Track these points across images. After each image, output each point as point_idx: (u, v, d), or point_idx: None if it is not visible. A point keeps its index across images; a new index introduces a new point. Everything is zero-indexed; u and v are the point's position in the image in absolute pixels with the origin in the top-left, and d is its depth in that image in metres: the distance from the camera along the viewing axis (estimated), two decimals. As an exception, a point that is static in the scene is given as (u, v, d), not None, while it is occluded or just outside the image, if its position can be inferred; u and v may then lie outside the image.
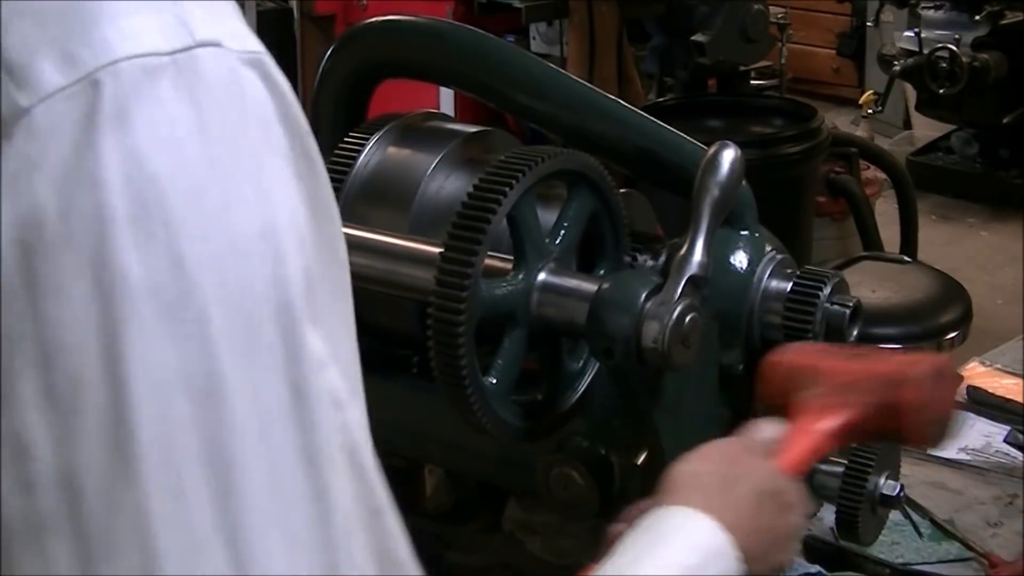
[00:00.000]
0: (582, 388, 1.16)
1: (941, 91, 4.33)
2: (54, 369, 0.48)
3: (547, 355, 1.15)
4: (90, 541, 0.48)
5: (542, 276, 1.11)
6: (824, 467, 1.18)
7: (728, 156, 1.09)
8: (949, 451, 1.74)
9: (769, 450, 0.89)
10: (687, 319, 1.04)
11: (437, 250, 1.07)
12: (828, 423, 0.94)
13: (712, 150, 1.10)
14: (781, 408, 0.97)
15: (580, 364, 1.17)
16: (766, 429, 0.91)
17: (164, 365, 0.48)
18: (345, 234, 1.21)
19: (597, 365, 1.15)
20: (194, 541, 0.48)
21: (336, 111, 1.41)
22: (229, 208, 0.50)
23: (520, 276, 1.10)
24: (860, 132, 4.56)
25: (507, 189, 1.06)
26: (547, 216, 1.14)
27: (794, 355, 1.02)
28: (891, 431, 0.96)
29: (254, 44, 0.54)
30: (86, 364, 0.48)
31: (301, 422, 0.51)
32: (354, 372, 0.56)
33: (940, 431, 0.96)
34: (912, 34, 4.47)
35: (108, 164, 0.49)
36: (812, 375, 0.97)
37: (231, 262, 0.50)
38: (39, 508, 0.48)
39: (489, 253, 1.07)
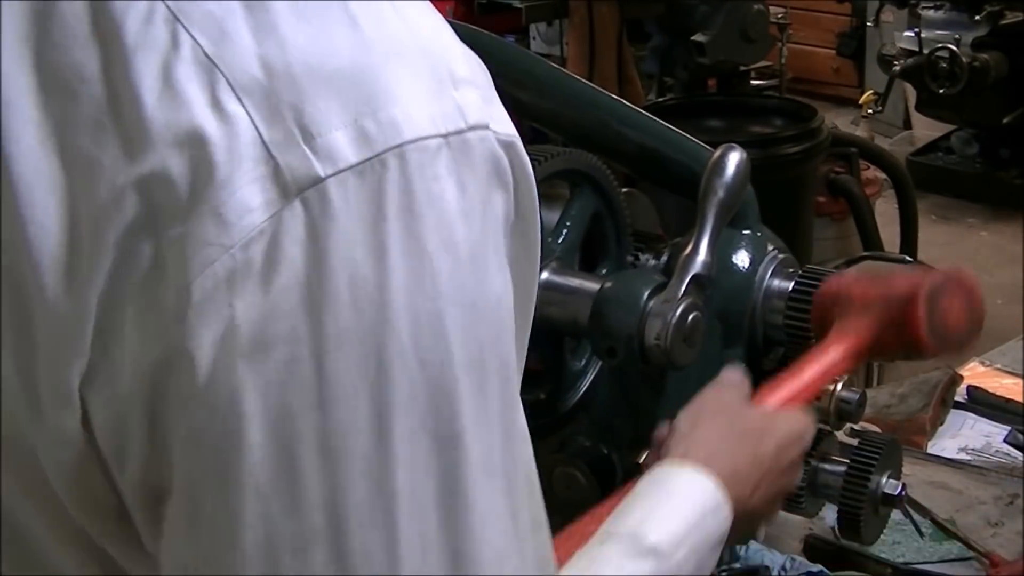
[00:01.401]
0: (585, 387, 1.16)
1: (941, 91, 4.33)
2: (330, 416, 0.54)
3: (550, 354, 1.15)
4: (347, 556, 0.55)
5: (545, 275, 1.11)
6: (826, 467, 1.18)
7: (734, 159, 1.10)
8: (949, 451, 1.74)
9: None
10: (690, 318, 1.04)
11: (440, 249, 1.07)
12: (840, 347, 1.04)
13: (718, 153, 1.11)
14: (824, 333, 1.07)
15: (583, 363, 1.17)
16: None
17: (420, 416, 0.55)
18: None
19: (600, 364, 1.16)
20: (426, 564, 0.56)
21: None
22: (479, 281, 0.57)
23: (523, 275, 1.10)
24: (860, 132, 4.57)
25: (510, 188, 1.06)
26: (550, 215, 1.14)
27: (831, 285, 1.10)
28: (907, 346, 1.03)
29: (511, 128, 0.59)
30: (358, 414, 0.54)
31: (512, 461, 0.60)
32: None
33: (955, 341, 1.04)
34: (912, 34, 4.48)
35: (393, 241, 0.54)
36: (844, 302, 1.06)
37: (475, 328, 0.57)
38: (305, 527, 0.55)
39: (492, 252, 1.07)
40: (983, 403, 1.85)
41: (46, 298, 0.56)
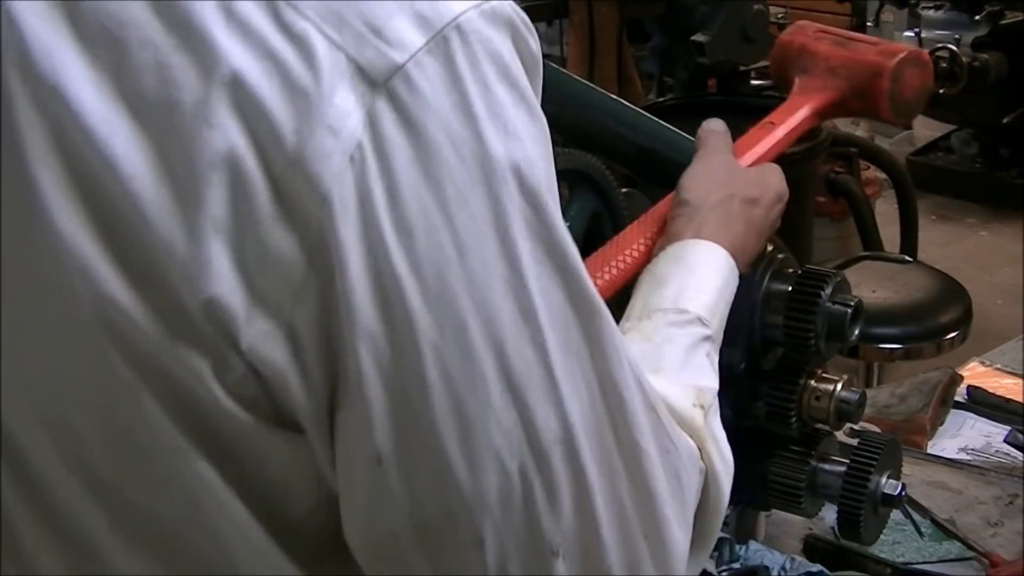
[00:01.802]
0: (584, 388, 1.16)
1: (941, 91, 4.33)
2: (473, 265, 0.61)
3: (549, 355, 1.15)
4: (513, 377, 0.63)
5: (544, 276, 1.11)
6: (826, 467, 1.18)
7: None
8: (949, 451, 1.74)
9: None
10: (689, 318, 1.04)
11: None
12: (808, 107, 1.15)
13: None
14: (785, 82, 1.20)
15: (582, 364, 1.17)
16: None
17: (534, 241, 0.63)
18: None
19: (599, 365, 1.15)
20: (570, 348, 0.65)
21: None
22: (536, 116, 0.65)
23: (522, 276, 1.10)
24: (860, 132, 4.56)
25: (509, 189, 1.06)
26: (549, 216, 1.14)
27: (795, 35, 1.20)
28: (867, 111, 1.17)
29: None
30: (492, 256, 0.62)
31: (564, 277, 0.65)
32: None
33: (909, 111, 1.17)
34: (912, 34, 4.48)
35: (475, 99, 0.61)
36: (807, 56, 1.17)
37: (544, 155, 0.65)
38: (476, 364, 0.62)
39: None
40: (983, 403, 1.85)
41: (163, 239, 0.59)
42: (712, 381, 0.87)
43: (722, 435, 0.84)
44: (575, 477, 0.65)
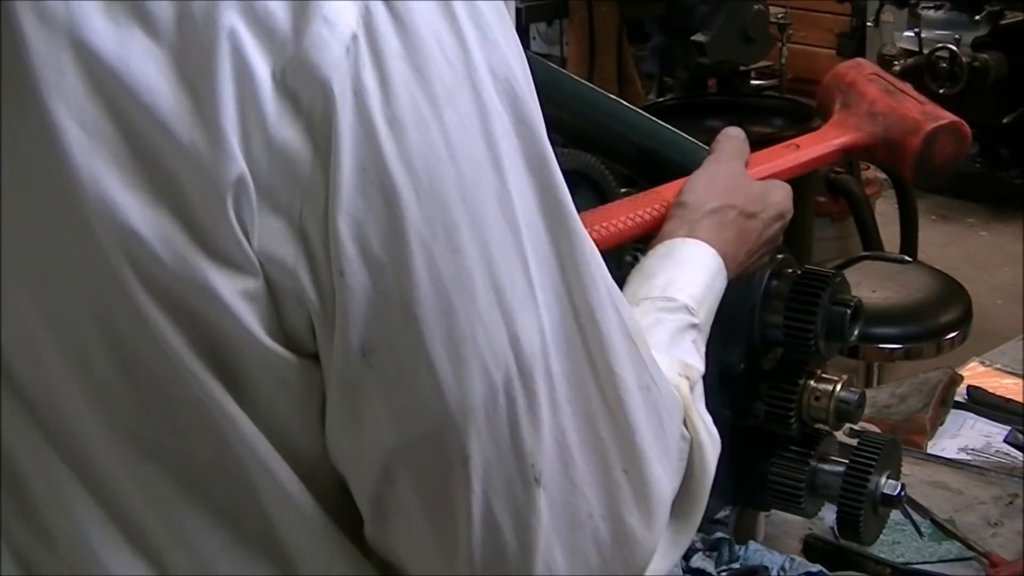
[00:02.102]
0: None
1: (941, 91, 4.33)
2: (462, 164, 0.62)
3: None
4: (498, 283, 0.63)
5: (544, 276, 1.11)
6: (826, 467, 1.18)
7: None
8: (949, 451, 1.74)
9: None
10: (689, 318, 1.04)
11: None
12: (840, 140, 1.15)
13: (716, 153, 1.11)
14: (826, 111, 1.20)
15: (581, 364, 1.17)
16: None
17: (517, 145, 0.65)
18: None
19: (598, 365, 1.15)
20: (542, 259, 0.66)
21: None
22: (511, 28, 0.67)
23: (522, 276, 1.10)
24: (860, 132, 4.56)
25: (509, 189, 1.06)
26: (549, 216, 1.14)
27: (850, 70, 1.20)
28: (892, 164, 1.16)
29: None
30: (479, 156, 0.63)
31: (545, 193, 0.67)
32: None
33: (933, 177, 1.17)
34: (912, 34, 4.48)
35: (458, 7, 0.63)
36: (855, 94, 1.17)
37: (522, 62, 0.67)
38: (464, 264, 0.62)
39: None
40: (983, 403, 1.85)
41: (184, 148, 0.60)
42: (698, 363, 0.88)
43: (707, 415, 0.83)
44: (551, 396, 0.65)
